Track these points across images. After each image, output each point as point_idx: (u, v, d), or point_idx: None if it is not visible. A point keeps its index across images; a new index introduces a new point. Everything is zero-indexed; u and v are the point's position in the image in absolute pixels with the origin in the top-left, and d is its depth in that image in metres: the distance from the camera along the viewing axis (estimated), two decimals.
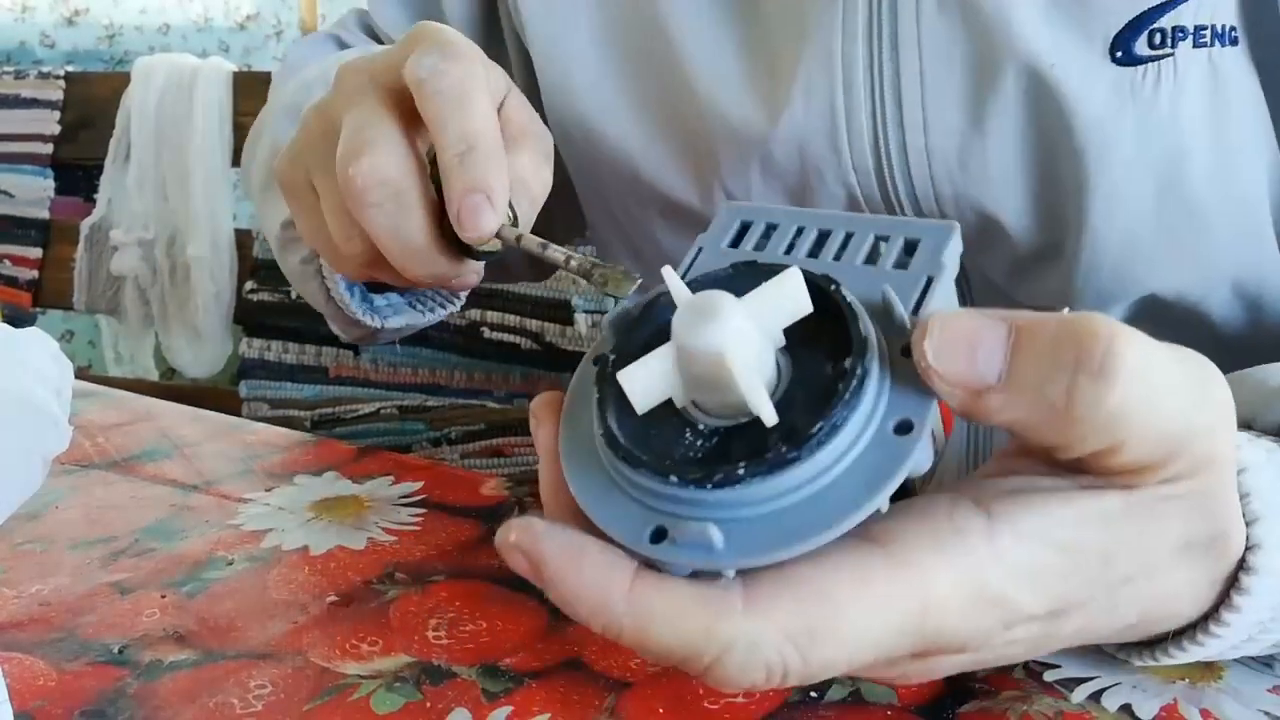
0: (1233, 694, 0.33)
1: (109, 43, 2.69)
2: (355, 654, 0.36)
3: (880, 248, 0.28)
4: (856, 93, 0.48)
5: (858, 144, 0.49)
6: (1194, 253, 0.46)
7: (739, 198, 0.53)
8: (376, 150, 0.37)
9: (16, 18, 2.57)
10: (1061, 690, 0.33)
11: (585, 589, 0.25)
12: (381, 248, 0.38)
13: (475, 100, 0.37)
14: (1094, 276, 0.47)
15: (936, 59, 0.46)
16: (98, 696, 0.33)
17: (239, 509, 0.47)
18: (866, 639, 0.25)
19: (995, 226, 0.49)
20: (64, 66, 1.85)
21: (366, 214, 0.37)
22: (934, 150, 0.48)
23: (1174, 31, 0.43)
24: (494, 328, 1.37)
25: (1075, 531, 0.26)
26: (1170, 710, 0.32)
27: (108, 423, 0.58)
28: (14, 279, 1.71)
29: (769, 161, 0.51)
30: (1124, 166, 0.45)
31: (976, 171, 0.47)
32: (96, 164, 1.66)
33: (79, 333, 2.36)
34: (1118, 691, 0.33)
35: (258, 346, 1.58)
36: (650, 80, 0.54)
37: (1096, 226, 0.46)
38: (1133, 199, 0.45)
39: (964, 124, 0.47)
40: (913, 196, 0.49)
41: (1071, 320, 0.25)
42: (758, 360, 0.25)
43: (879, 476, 0.24)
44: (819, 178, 0.50)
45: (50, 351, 0.47)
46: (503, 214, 0.37)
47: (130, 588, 0.40)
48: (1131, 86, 0.44)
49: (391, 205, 0.37)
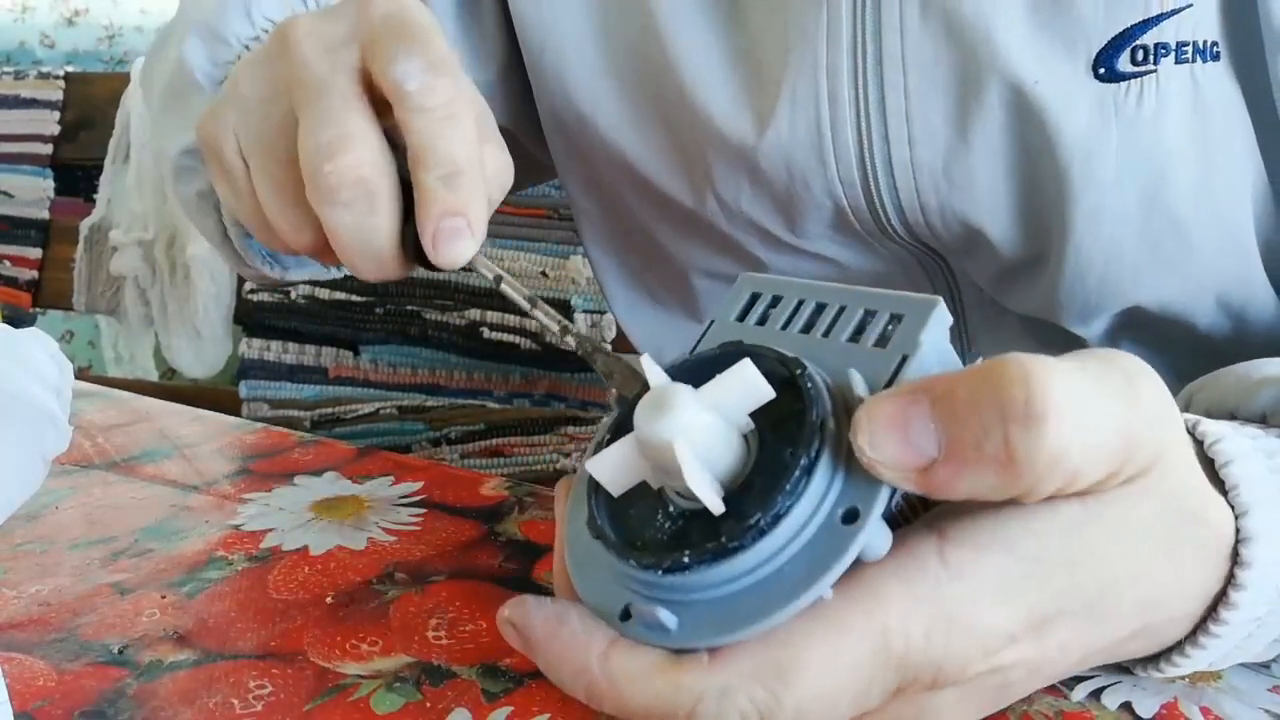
0: (1233, 693, 0.33)
1: (109, 43, 2.69)
2: (355, 654, 0.36)
3: (868, 323, 0.28)
4: (842, 105, 0.48)
5: (844, 156, 0.49)
6: (1178, 266, 0.46)
7: (730, 206, 0.53)
8: (355, 150, 0.35)
9: (16, 18, 2.57)
10: (1061, 688, 0.33)
11: (565, 653, 0.26)
12: (336, 244, 0.37)
13: (463, 123, 0.36)
14: (1079, 288, 0.48)
15: (921, 73, 0.46)
16: (98, 697, 0.33)
17: (239, 509, 0.47)
18: (836, 673, 0.25)
19: (980, 238, 0.49)
20: (64, 67, 1.85)
21: (332, 211, 0.36)
22: (919, 164, 0.48)
23: (1156, 48, 0.43)
24: (494, 328, 1.37)
25: (1037, 542, 0.26)
26: (1170, 708, 0.32)
27: (108, 423, 0.58)
28: (14, 279, 1.71)
29: (757, 172, 0.51)
30: (1107, 182, 0.45)
31: (962, 184, 0.47)
32: (96, 164, 1.66)
33: (79, 333, 2.36)
34: (1118, 690, 0.33)
35: (258, 346, 1.58)
36: (644, 83, 0.54)
37: (1080, 240, 0.46)
38: (1116, 213, 0.45)
39: (949, 137, 0.47)
40: (899, 209, 0.49)
41: (985, 371, 0.24)
42: (713, 449, 0.26)
43: (822, 566, 0.24)
44: (805, 188, 0.50)
45: (50, 351, 0.47)
46: (479, 242, 0.36)
47: (130, 588, 0.40)
48: (1115, 103, 0.44)
49: (362, 206, 0.36)
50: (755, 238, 0.55)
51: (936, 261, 0.54)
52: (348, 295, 1.52)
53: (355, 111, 0.36)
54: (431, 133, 0.35)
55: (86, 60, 2.63)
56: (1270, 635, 0.31)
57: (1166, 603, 0.29)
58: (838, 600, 0.25)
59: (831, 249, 0.54)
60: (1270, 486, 0.30)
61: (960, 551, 0.25)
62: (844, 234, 0.53)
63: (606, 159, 0.57)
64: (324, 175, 0.35)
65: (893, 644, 0.25)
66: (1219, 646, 0.30)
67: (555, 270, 1.33)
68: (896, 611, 0.25)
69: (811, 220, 0.52)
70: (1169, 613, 0.29)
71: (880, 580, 0.25)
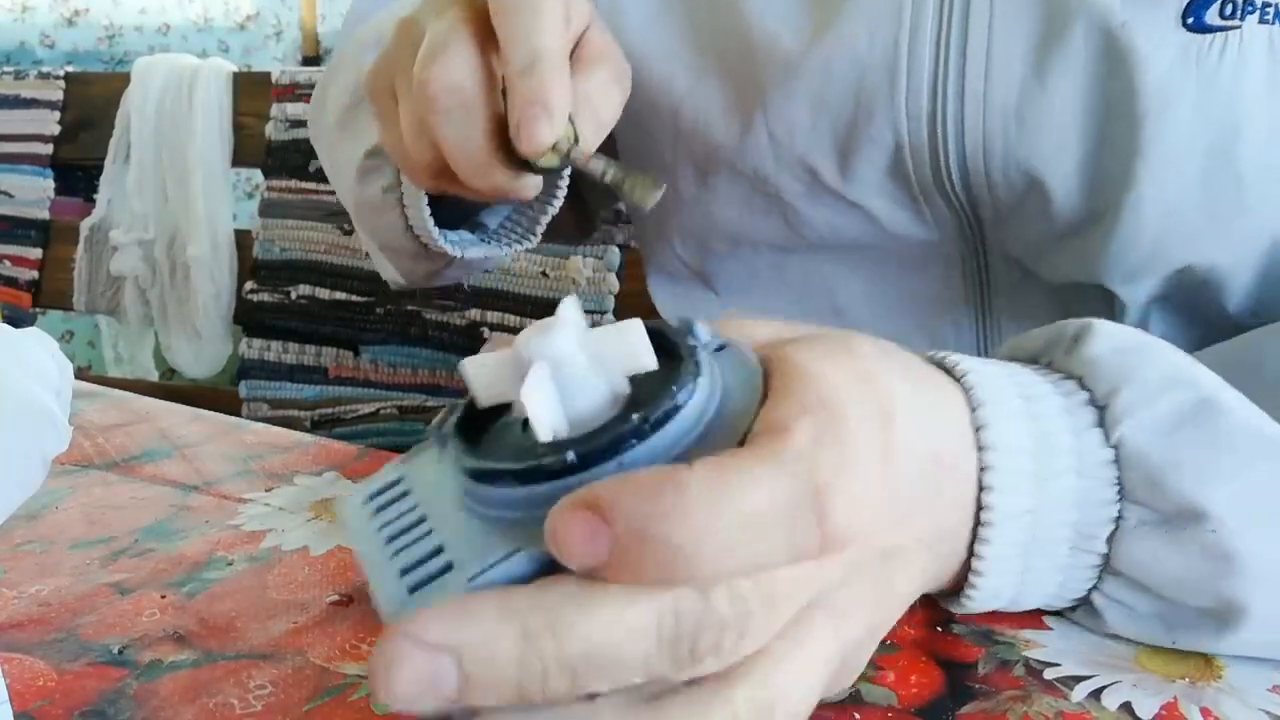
0: (1233, 693, 0.33)
1: (109, 43, 2.69)
2: (355, 654, 0.36)
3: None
4: (923, 30, 0.48)
5: (915, 82, 0.49)
6: (1232, 227, 0.47)
7: (782, 141, 0.53)
8: (449, 58, 0.38)
9: (16, 18, 2.57)
10: (1061, 689, 0.33)
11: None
12: (446, 154, 0.39)
13: (545, 16, 0.38)
14: (1130, 249, 0.48)
15: (1007, 6, 0.47)
16: (98, 697, 0.33)
17: (239, 509, 0.47)
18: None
19: (1039, 191, 0.49)
20: (64, 67, 1.85)
21: (434, 120, 0.39)
22: (991, 100, 0.48)
23: (1244, 4, 0.44)
24: (494, 328, 1.37)
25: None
26: (1170, 709, 0.32)
27: (108, 423, 0.58)
28: (14, 279, 1.71)
29: (821, 96, 0.50)
30: (1179, 136, 0.45)
31: (1032, 127, 0.47)
32: (96, 164, 1.66)
33: (79, 333, 2.36)
34: (1118, 689, 0.33)
35: (258, 346, 1.58)
36: (701, 10, 0.54)
37: (1143, 194, 0.46)
38: (1182, 167, 0.46)
39: (1026, 78, 0.47)
40: (961, 153, 0.49)
41: (619, 485, 0.23)
42: (569, 387, 0.25)
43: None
44: (868, 117, 0.50)
45: (50, 351, 0.47)
46: (560, 128, 0.37)
47: (130, 588, 0.40)
48: (1197, 54, 0.44)
49: (459, 114, 0.38)
50: (800, 184, 0.54)
51: (974, 234, 0.54)
52: (348, 295, 1.52)
53: (458, 29, 0.39)
54: (513, 28, 0.38)
55: (86, 60, 2.64)
56: (1059, 530, 0.32)
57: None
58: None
59: (877, 202, 0.53)
60: (1003, 388, 0.32)
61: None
62: (895, 183, 0.52)
63: (653, 108, 0.57)
64: (422, 84, 0.38)
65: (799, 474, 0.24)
66: (988, 584, 0.32)
67: (555, 270, 1.33)
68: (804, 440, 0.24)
69: (865, 160, 0.51)
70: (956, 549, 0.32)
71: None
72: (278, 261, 1.58)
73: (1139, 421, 0.32)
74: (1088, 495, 0.32)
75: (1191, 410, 0.32)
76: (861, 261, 0.57)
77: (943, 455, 0.30)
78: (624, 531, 0.22)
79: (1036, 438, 0.32)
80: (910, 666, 0.34)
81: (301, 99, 1.57)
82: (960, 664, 0.34)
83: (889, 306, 0.58)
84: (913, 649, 0.35)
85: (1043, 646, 0.35)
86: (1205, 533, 0.31)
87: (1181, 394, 0.32)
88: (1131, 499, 0.32)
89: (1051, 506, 0.32)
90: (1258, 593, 0.32)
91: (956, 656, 0.35)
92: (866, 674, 0.33)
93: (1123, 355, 0.33)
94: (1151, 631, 0.34)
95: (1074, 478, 0.32)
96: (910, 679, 0.33)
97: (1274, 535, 0.32)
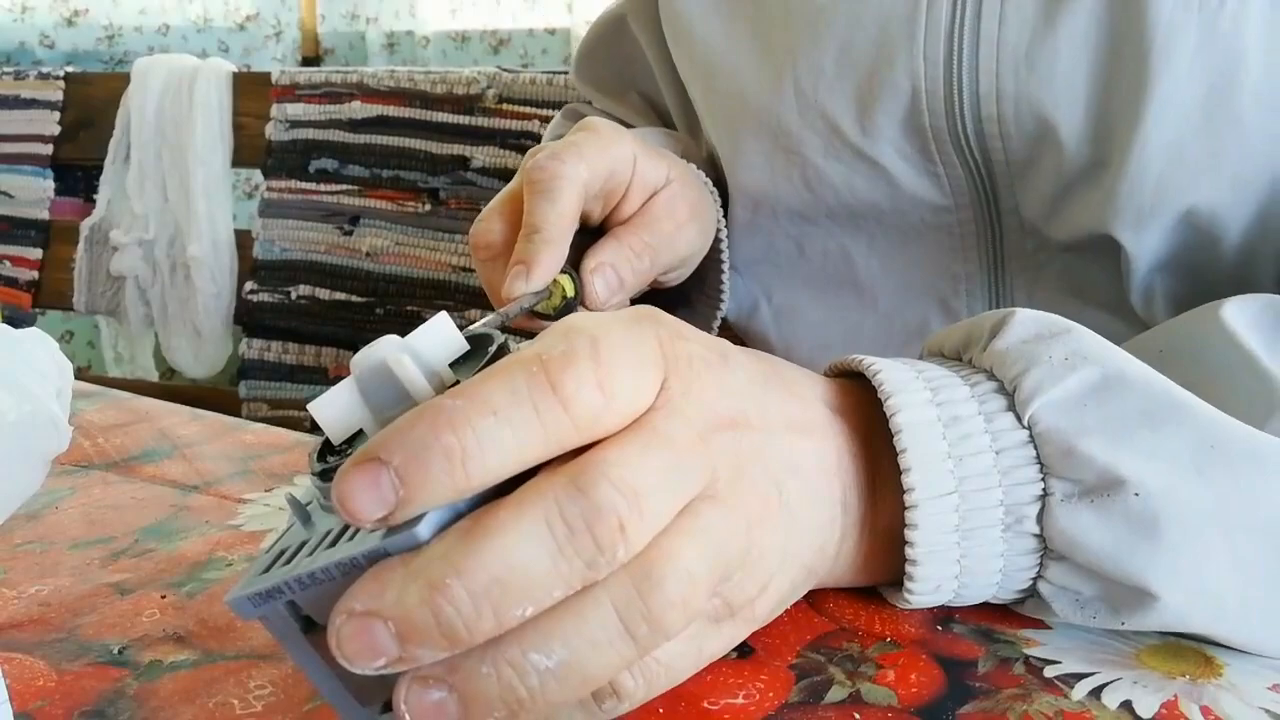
0: (1233, 690, 0.33)
1: (108, 43, 2.69)
2: None
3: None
4: None
5: (933, 27, 0.51)
6: (1233, 166, 0.48)
7: (806, 94, 0.56)
8: (489, 220, 0.48)
9: (16, 18, 2.57)
10: (1062, 687, 0.33)
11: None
12: (485, 288, 0.50)
13: (558, 197, 0.45)
14: (1136, 192, 0.49)
15: None
16: (97, 697, 0.33)
17: (239, 509, 0.47)
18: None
19: (1049, 135, 0.51)
20: (64, 67, 1.85)
21: (478, 265, 0.49)
22: (1004, 43, 0.50)
23: None
24: None
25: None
26: (1171, 707, 0.32)
27: (108, 423, 0.58)
28: (14, 279, 1.71)
29: (848, 41, 0.54)
30: (1182, 73, 0.47)
31: (1043, 70, 0.50)
32: (96, 164, 1.66)
33: (79, 333, 2.37)
34: (1118, 688, 0.33)
35: (258, 346, 1.58)
36: None
37: (1148, 135, 0.48)
38: (1183, 108, 0.47)
39: (1036, 21, 0.49)
40: (975, 98, 0.51)
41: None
42: (394, 384, 0.28)
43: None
44: (888, 63, 0.53)
45: (50, 352, 0.47)
46: (537, 286, 0.44)
47: (130, 588, 0.40)
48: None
49: (489, 263, 0.48)
50: (820, 138, 0.56)
51: (987, 198, 0.55)
52: (348, 296, 1.52)
53: (504, 198, 0.48)
54: (531, 203, 0.46)
55: (86, 60, 2.64)
56: (989, 513, 0.33)
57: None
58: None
59: (893, 158, 0.55)
60: (909, 380, 0.35)
61: None
62: (911, 137, 0.54)
63: (690, 63, 0.62)
64: (471, 235, 0.49)
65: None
66: (930, 525, 0.33)
67: None
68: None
69: (883, 111, 0.54)
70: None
71: None
72: (278, 261, 1.58)
73: (1049, 398, 0.33)
74: (1010, 474, 0.33)
75: (1100, 383, 0.34)
76: (877, 232, 0.59)
77: (770, 375, 0.34)
78: (401, 461, 0.25)
79: (946, 420, 0.34)
80: (910, 665, 0.34)
81: (301, 99, 1.57)
82: (960, 662, 0.34)
83: (907, 282, 0.60)
84: (913, 648, 0.35)
85: (1043, 644, 0.35)
86: (1129, 498, 0.32)
87: (1088, 370, 0.34)
88: (1053, 474, 0.33)
89: (976, 488, 0.33)
90: (1184, 555, 0.32)
91: (957, 655, 0.35)
92: (867, 674, 0.34)
93: (1032, 344, 0.35)
94: (1101, 617, 0.34)
95: (992, 456, 0.33)
96: (910, 678, 0.33)
97: (1195, 494, 0.33)
